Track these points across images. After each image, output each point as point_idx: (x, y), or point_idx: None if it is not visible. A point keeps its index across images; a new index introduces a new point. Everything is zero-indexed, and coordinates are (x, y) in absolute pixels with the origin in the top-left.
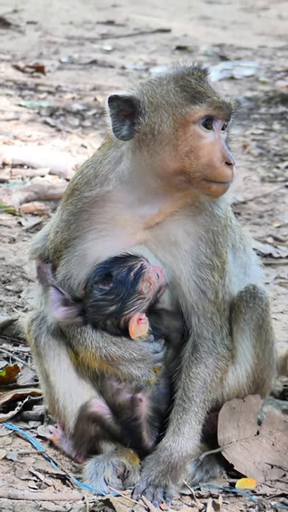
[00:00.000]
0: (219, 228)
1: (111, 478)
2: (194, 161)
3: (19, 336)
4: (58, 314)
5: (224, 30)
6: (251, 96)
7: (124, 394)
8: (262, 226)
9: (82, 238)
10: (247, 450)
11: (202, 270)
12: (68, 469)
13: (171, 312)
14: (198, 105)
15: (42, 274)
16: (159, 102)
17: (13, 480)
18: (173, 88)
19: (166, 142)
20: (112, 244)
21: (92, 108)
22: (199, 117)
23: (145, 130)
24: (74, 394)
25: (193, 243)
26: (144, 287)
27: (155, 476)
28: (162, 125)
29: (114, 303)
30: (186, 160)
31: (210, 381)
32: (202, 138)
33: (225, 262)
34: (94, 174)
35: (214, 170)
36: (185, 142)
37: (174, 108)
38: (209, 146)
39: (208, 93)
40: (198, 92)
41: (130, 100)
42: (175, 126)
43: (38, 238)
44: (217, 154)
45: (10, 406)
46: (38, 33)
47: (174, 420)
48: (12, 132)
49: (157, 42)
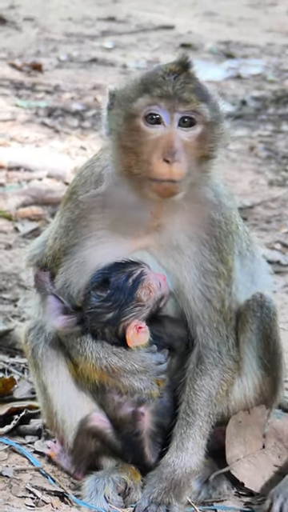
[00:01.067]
0: (221, 234)
1: (112, 495)
2: (136, 157)
3: (16, 347)
4: (58, 323)
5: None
6: (258, 96)
7: (125, 408)
8: (269, 231)
9: (81, 245)
10: (255, 465)
11: (206, 277)
12: (66, 485)
13: (174, 319)
14: (142, 96)
15: (40, 282)
16: (119, 96)
17: (9, 497)
18: (134, 81)
19: (116, 137)
20: (112, 251)
21: (92, 108)
22: (140, 109)
23: (110, 126)
24: (73, 407)
25: (195, 248)
26: (143, 294)
27: (158, 493)
28: (115, 120)
29: (112, 310)
30: (130, 156)
31: (215, 393)
32: (145, 133)
33: (231, 270)
34: (91, 172)
35: (149, 167)
36: (127, 138)
37: (123, 102)
38: (152, 142)
39: (160, 82)
40: (151, 83)
41: (112, 94)
42: (121, 121)
43: (35, 245)
44: (157, 150)
45: (6, 419)
46: (36, 30)
47: (177, 434)
48: (8, 133)
49: (160, 40)
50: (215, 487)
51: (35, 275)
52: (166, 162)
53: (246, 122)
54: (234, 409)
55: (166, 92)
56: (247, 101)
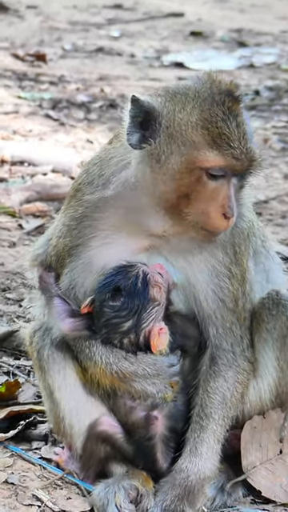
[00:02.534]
0: (241, 239)
1: (123, 503)
2: (192, 204)
3: (20, 348)
4: (65, 326)
5: (242, 13)
6: (272, 85)
7: (138, 412)
8: (285, 227)
9: (85, 245)
10: (272, 472)
11: (219, 278)
12: (75, 492)
13: (186, 316)
14: (214, 152)
15: (45, 283)
16: (175, 133)
17: (14, 505)
18: (195, 120)
19: (169, 175)
20: (118, 251)
21: (98, 100)
22: (209, 166)
23: (152, 152)
24: (81, 412)
25: (209, 252)
26: (155, 293)
27: (171, 501)
28: (170, 158)
29: (130, 318)
30: (183, 200)
31: (229, 396)
32: (206, 185)
33: (245, 271)
34: (99, 173)
35: (207, 219)
36: (187, 184)
37: (188, 147)
38: (211, 195)
39: (230, 138)
40: (219, 134)
41: (150, 112)
42: (182, 166)
43: (39, 244)
44: (217, 203)
45: (12, 424)
46: (39, 18)
47: (190, 439)
48: (11, 126)
49: (169, 28)
50: (230, 494)
51: (39, 276)
52: (225, 217)
53: (259, 112)
54: (250, 412)
55: (240, 154)
56: (260, 91)
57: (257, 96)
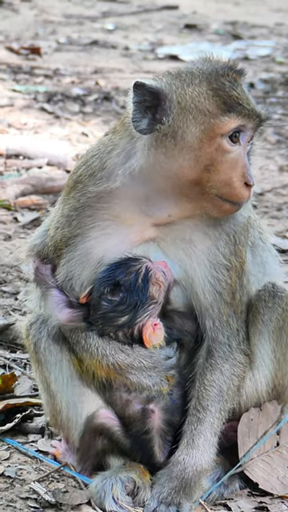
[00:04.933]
0: (241, 228)
1: (120, 495)
2: (213, 176)
3: (17, 341)
4: (63, 316)
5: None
6: (267, 78)
7: (134, 405)
8: (280, 219)
9: (84, 235)
10: (269, 464)
11: (218, 270)
12: (72, 485)
13: (183, 313)
14: (229, 115)
15: (41, 275)
16: (188, 105)
17: (11, 498)
18: (205, 90)
19: (187, 150)
20: (117, 242)
21: (93, 93)
22: (229, 129)
23: (166, 131)
24: (78, 404)
25: (210, 243)
26: (155, 291)
27: (167, 493)
28: (187, 132)
29: (126, 313)
30: (204, 173)
31: (226, 389)
32: (226, 152)
33: (244, 262)
34: (101, 165)
35: (231, 190)
36: (208, 155)
37: (204, 116)
38: (231, 162)
39: (240, 100)
40: (230, 98)
41: (157, 93)
42: (201, 137)
43: (36, 234)
44: (238, 172)
45: (8, 417)
46: (34, 11)
47: (187, 431)
48: (6, 119)
49: (163, 20)
50: (227, 486)
51: (36, 268)
52: (247, 186)
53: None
54: (246, 404)
55: (253, 112)
56: (255, 83)
57: (251, 89)
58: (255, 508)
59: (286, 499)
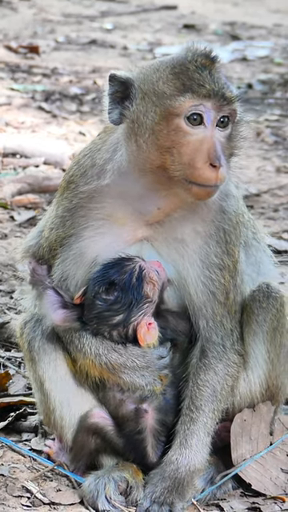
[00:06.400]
0: (231, 226)
1: (113, 495)
2: (175, 158)
3: (11, 340)
4: (57, 317)
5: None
6: (265, 79)
7: (128, 405)
8: (277, 220)
9: (78, 235)
10: (262, 465)
11: (210, 270)
12: (65, 484)
13: (177, 313)
14: (184, 95)
15: (37, 276)
16: (147, 89)
17: (4, 497)
18: (166, 75)
19: (148, 134)
20: (111, 242)
21: (91, 92)
22: (183, 109)
23: (132, 118)
24: (72, 404)
25: (202, 242)
26: (149, 290)
27: (160, 493)
28: (147, 115)
29: (121, 312)
30: (167, 156)
31: (219, 389)
32: (186, 134)
33: (237, 262)
34: (91, 163)
35: (194, 171)
36: (167, 137)
37: (159, 98)
38: (194, 144)
39: (201, 81)
40: (189, 80)
41: (126, 82)
42: (158, 119)
43: (31, 235)
44: (202, 153)
45: (2, 416)
46: (32, 10)
47: (180, 431)
48: (3, 118)
49: (162, 20)
50: (220, 486)
51: (32, 269)
52: (213, 166)
53: (252, 106)
54: (240, 404)
55: (211, 91)
56: (253, 84)
57: (250, 89)
58: (248, 509)
59: (278, 500)
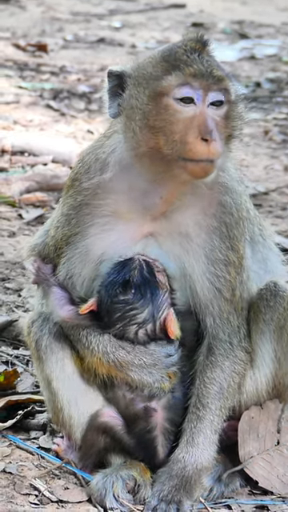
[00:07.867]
0: (232, 220)
1: (121, 493)
2: (168, 137)
3: (19, 338)
4: (64, 313)
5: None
6: (273, 77)
7: (137, 404)
8: (285, 218)
9: (83, 233)
10: (269, 462)
11: (216, 266)
12: (73, 482)
13: (183, 312)
14: (171, 75)
15: (43, 274)
16: (138, 75)
17: (12, 495)
18: (155, 59)
19: (139, 116)
20: (117, 239)
21: (99, 90)
22: (171, 87)
23: (126, 106)
24: (80, 403)
25: (205, 236)
26: (162, 278)
27: (168, 491)
28: (138, 98)
29: (145, 307)
30: (159, 136)
31: (226, 386)
32: (176, 112)
33: (242, 258)
34: (95, 159)
35: (186, 146)
36: (156, 117)
37: (148, 80)
38: (184, 121)
39: (188, 61)
40: (177, 61)
41: (121, 75)
42: (148, 100)
43: (38, 234)
44: (193, 129)
45: (10, 414)
46: (41, 8)
47: (187, 429)
48: (12, 116)
49: (170, 19)
50: (228, 485)
51: (37, 268)
52: (204, 140)
53: (260, 104)
54: (246, 402)
55: (198, 70)
56: (262, 83)
57: (258, 88)
58: (256, 507)
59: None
